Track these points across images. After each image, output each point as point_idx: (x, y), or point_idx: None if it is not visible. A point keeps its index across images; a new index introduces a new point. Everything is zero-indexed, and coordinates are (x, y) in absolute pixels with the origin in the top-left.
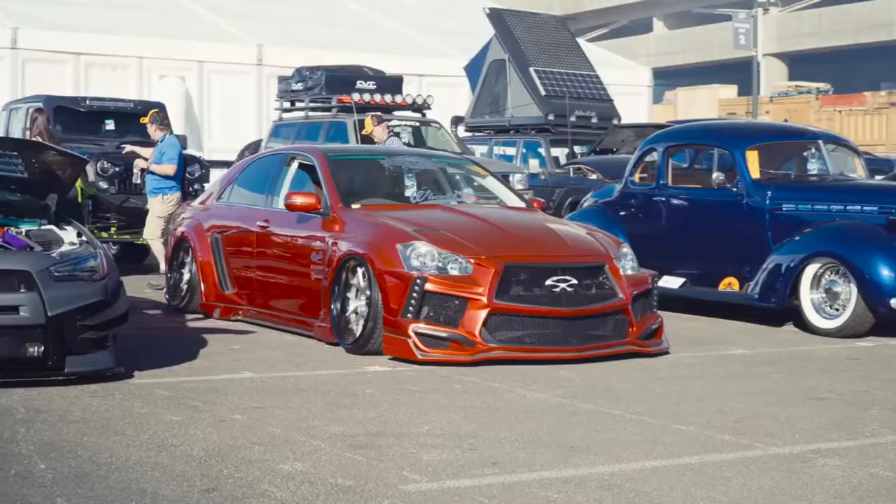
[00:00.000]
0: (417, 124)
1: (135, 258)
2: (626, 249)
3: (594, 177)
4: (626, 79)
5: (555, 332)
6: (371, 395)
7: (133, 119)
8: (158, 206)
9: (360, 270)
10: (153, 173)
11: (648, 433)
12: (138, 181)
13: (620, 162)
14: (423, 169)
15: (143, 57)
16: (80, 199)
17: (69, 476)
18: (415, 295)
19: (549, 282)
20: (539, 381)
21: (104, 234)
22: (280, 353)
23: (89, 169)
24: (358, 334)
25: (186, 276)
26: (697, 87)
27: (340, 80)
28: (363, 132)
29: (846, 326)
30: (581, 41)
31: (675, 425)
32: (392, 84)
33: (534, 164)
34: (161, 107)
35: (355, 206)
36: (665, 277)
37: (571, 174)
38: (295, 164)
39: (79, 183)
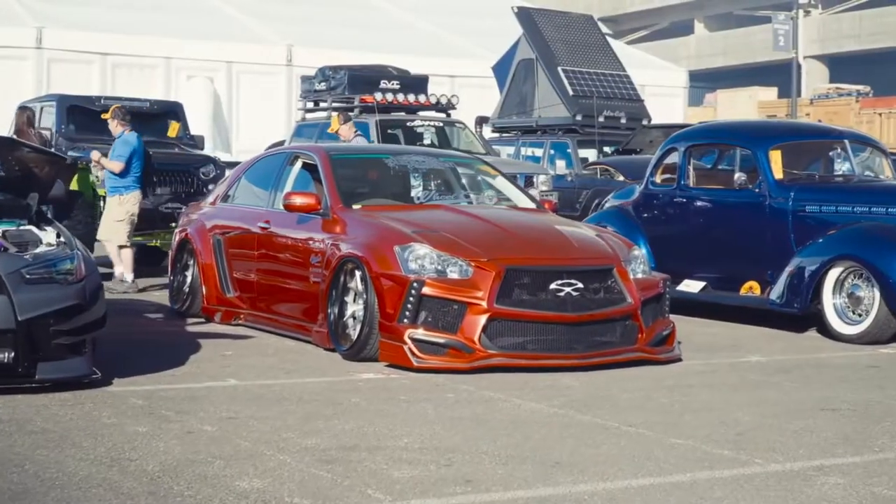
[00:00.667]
0: (441, 124)
1: (152, 260)
2: (638, 252)
3: (621, 178)
4: (662, 80)
5: (559, 338)
6: (356, 404)
7: (149, 119)
8: (115, 208)
9: (357, 273)
10: (112, 173)
11: (642, 447)
12: (96, 178)
13: (643, 162)
14: (429, 168)
15: (171, 57)
16: (91, 199)
17: (6, 493)
18: (411, 299)
19: (553, 285)
20: (538, 390)
21: None
22: (273, 359)
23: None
24: (354, 340)
25: (189, 279)
26: (737, 89)
27: (364, 79)
28: (329, 130)
29: (868, 332)
30: (619, 43)
31: (673, 439)
32: (417, 84)
33: (561, 165)
34: (179, 106)
35: (356, 206)
36: (685, 281)
37: (598, 175)
38: (298, 164)
39: (92, 182)
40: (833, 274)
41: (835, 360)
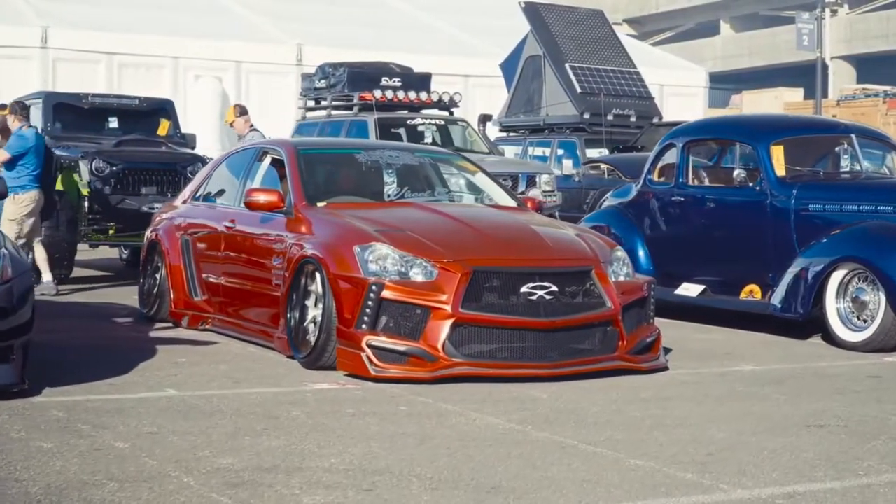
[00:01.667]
0: (443, 122)
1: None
2: (620, 253)
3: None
4: (682, 79)
5: (532, 345)
6: (295, 418)
7: (138, 116)
8: (9, 207)
9: (318, 276)
10: (8, 171)
11: (595, 470)
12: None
13: (643, 160)
14: (403, 164)
15: (179, 57)
16: (76, 199)
17: None
18: (370, 303)
19: (524, 289)
20: (501, 403)
21: (102, 237)
22: (227, 367)
23: (83, 168)
24: (312, 347)
25: (158, 282)
26: (763, 90)
27: (364, 76)
28: (225, 121)
29: (874, 339)
30: (636, 41)
31: (633, 459)
32: (419, 81)
33: (568, 164)
34: (169, 104)
35: (321, 204)
36: (684, 284)
37: (606, 175)
38: (267, 160)
39: (76, 181)
40: (836, 277)
41: (834, 369)
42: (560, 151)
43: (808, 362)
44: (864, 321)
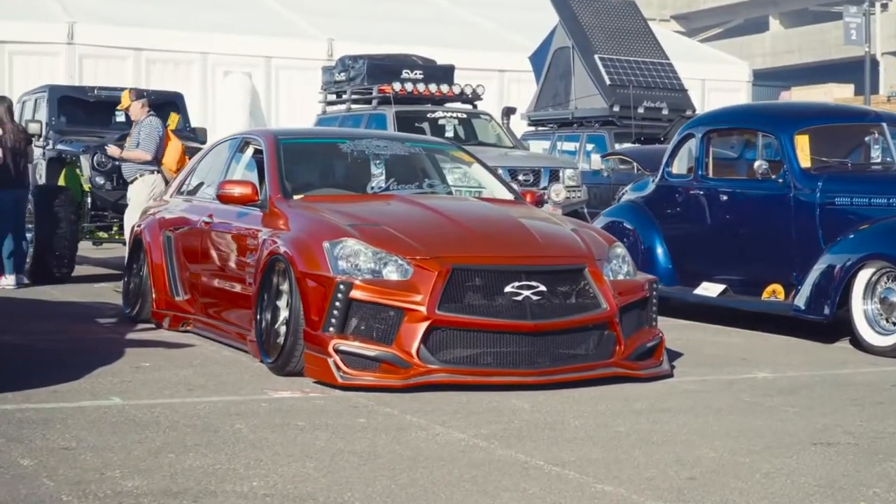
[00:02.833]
0: (465, 115)
1: None
2: (620, 250)
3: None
4: (724, 74)
5: (518, 350)
6: (236, 432)
7: None
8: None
9: (288, 274)
10: None
11: (554, 496)
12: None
13: (663, 152)
14: (392, 155)
15: (208, 53)
16: (79, 195)
17: None
18: (337, 304)
19: (508, 288)
20: (474, 415)
21: (104, 235)
22: (190, 372)
23: (84, 163)
24: (279, 351)
25: (141, 281)
26: (812, 86)
27: (384, 69)
28: (118, 107)
29: None
30: (677, 35)
31: (601, 484)
32: (442, 73)
33: (597, 159)
34: (179, 97)
35: (297, 196)
36: (704, 284)
37: (636, 170)
38: (249, 150)
39: (79, 177)
40: (863, 276)
41: (856, 377)
42: (589, 146)
43: (829, 369)
44: (894, 324)
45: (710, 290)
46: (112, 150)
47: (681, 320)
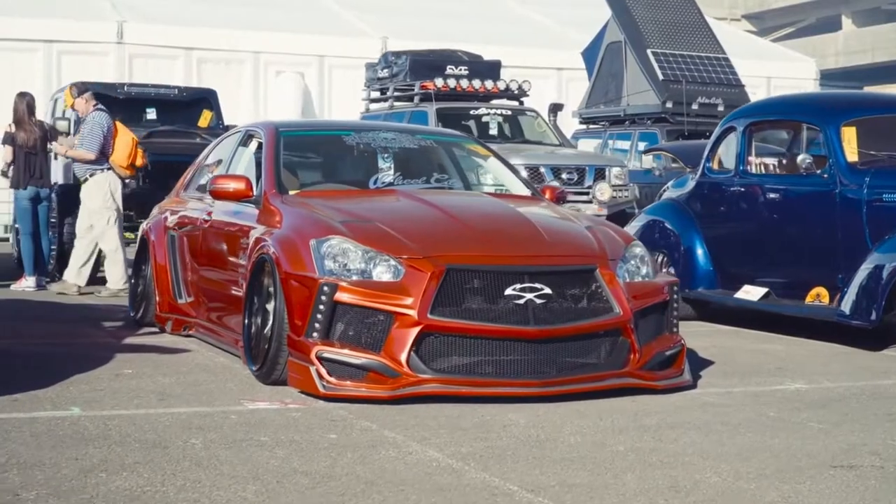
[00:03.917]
0: (510, 112)
1: None
2: (639, 249)
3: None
4: (790, 71)
5: (520, 358)
6: (188, 447)
7: (178, 107)
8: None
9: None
10: None
11: None
12: None
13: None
14: (401, 147)
15: (260, 52)
16: None
17: None
18: (321, 307)
19: (509, 290)
20: (461, 430)
21: (130, 235)
22: (172, 381)
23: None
24: (264, 358)
25: (145, 282)
26: (885, 86)
27: (427, 64)
28: (65, 105)
29: None
30: (742, 32)
31: None
32: (487, 69)
33: (649, 158)
34: (212, 93)
35: (293, 192)
36: (745, 287)
37: (687, 169)
38: (253, 144)
39: None
40: None
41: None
42: (641, 145)
43: (870, 380)
44: None
45: (751, 293)
46: (58, 147)
47: (721, 325)
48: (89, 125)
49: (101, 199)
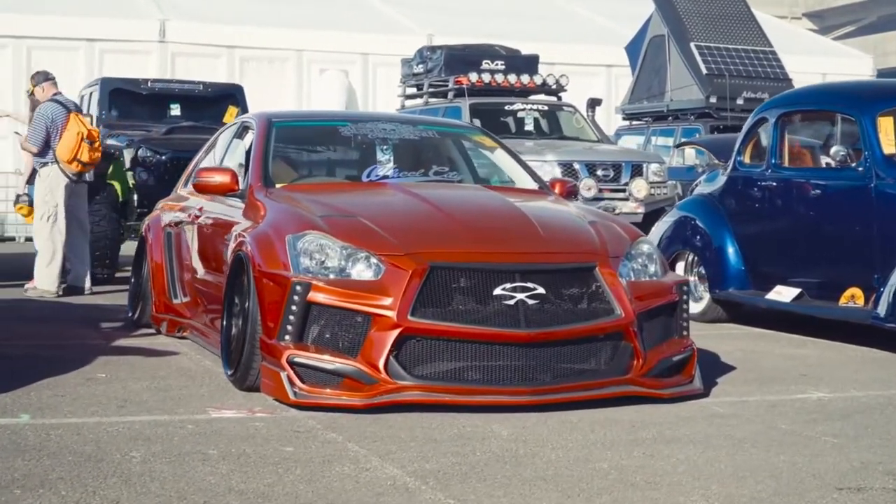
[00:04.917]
0: (547, 108)
1: None
2: (646, 246)
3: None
4: (845, 67)
5: (511, 364)
6: (126, 461)
7: (203, 103)
8: None
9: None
10: None
11: None
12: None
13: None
14: (400, 139)
15: (303, 50)
16: (122, 195)
17: None
18: (293, 308)
19: (499, 290)
20: (432, 443)
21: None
22: (143, 386)
23: (127, 158)
24: (238, 362)
25: (142, 282)
26: None
27: (463, 59)
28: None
29: None
30: (805, 30)
31: None
32: (525, 63)
33: (691, 154)
34: (238, 89)
35: (279, 185)
36: (777, 287)
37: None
38: (249, 136)
39: (128, 175)
40: None
41: None
42: (683, 140)
43: None
44: None
45: (783, 294)
46: (23, 143)
47: (754, 328)
48: (36, 118)
49: (41, 194)
